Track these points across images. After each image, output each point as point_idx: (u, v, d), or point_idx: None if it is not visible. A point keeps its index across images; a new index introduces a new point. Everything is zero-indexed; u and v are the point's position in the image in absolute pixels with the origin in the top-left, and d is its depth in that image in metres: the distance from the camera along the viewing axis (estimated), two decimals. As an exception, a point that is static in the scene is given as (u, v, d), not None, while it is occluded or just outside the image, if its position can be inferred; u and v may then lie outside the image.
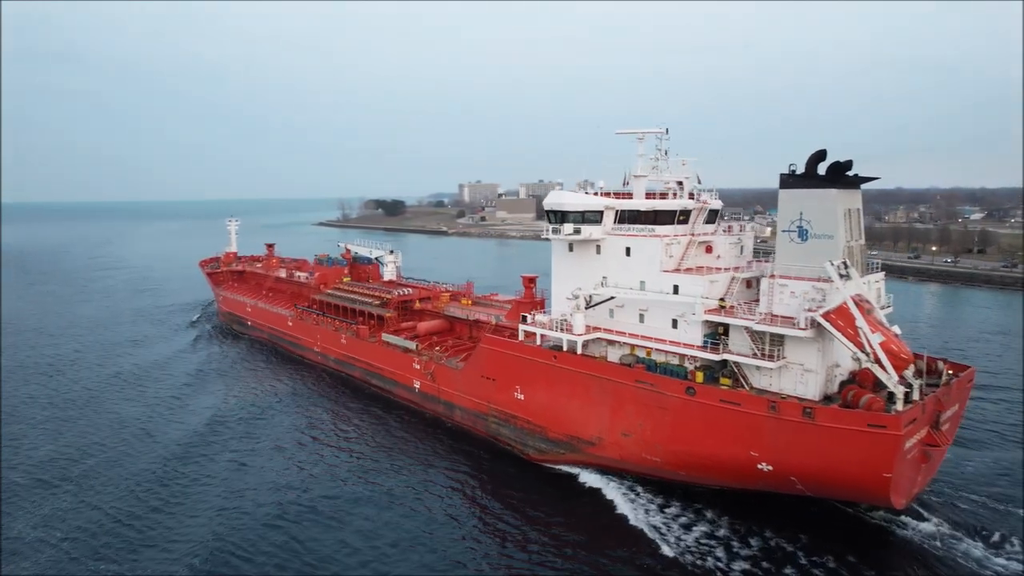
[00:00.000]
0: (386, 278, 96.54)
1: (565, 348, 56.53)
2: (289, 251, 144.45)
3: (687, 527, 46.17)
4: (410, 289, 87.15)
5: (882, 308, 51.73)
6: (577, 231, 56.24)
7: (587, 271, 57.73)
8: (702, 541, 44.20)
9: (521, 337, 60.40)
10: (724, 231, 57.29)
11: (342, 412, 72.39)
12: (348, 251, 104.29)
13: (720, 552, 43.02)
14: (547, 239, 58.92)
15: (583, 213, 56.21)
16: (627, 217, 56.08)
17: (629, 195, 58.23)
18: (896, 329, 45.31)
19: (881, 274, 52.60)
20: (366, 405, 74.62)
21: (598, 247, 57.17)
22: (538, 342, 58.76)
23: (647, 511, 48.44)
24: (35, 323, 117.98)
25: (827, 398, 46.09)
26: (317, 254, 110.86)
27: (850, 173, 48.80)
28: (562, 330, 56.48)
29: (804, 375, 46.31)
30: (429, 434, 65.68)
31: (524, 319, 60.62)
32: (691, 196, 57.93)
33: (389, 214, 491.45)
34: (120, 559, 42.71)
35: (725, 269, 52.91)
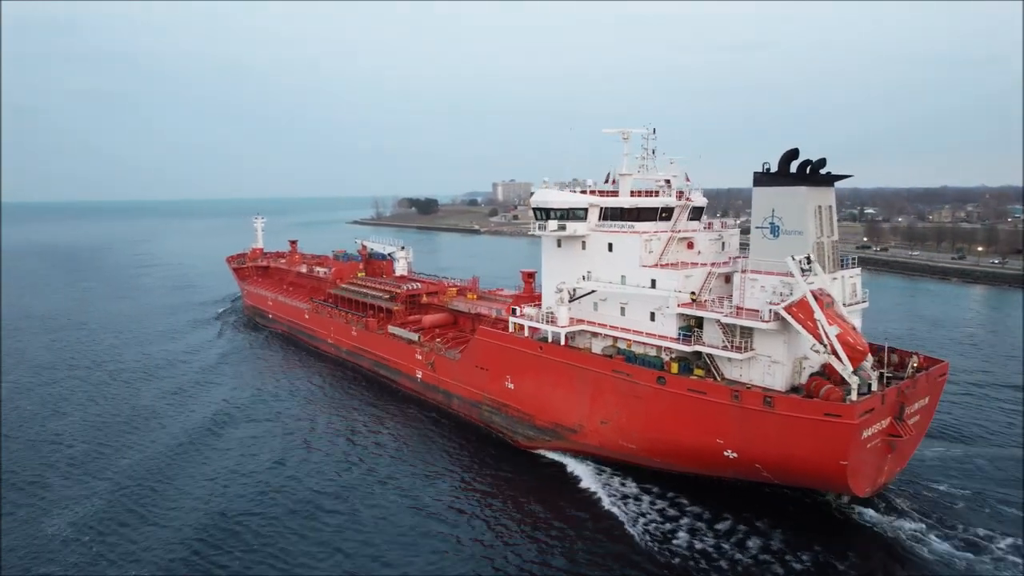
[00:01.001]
0: (398, 273, 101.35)
1: (550, 339, 59.96)
2: (322, 248, 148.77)
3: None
4: (419, 284, 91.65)
5: (858, 303, 54.01)
6: (562, 227, 59.57)
7: (573, 266, 61.05)
8: (760, 557, 43.17)
9: (511, 329, 64.04)
10: (705, 228, 59.71)
11: (349, 399, 77.36)
12: (364, 247, 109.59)
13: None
14: (534, 235, 62.28)
15: (568, 210, 59.48)
16: (611, 214, 59.14)
17: (616, 193, 61.26)
18: (856, 322, 47.36)
19: (857, 270, 54.75)
20: (372, 393, 79.47)
21: (583, 243, 60.43)
22: (526, 333, 62.27)
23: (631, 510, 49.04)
24: (81, 318, 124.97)
25: (794, 389, 48.41)
26: (335, 250, 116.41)
27: (823, 171, 51.17)
28: (548, 322, 59.91)
29: (771, 366, 48.78)
30: (428, 421, 69.84)
31: (514, 312, 64.23)
32: (679, 194, 60.74)
33: (422, 212, 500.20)
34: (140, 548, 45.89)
35: (703, 264, 55.50)
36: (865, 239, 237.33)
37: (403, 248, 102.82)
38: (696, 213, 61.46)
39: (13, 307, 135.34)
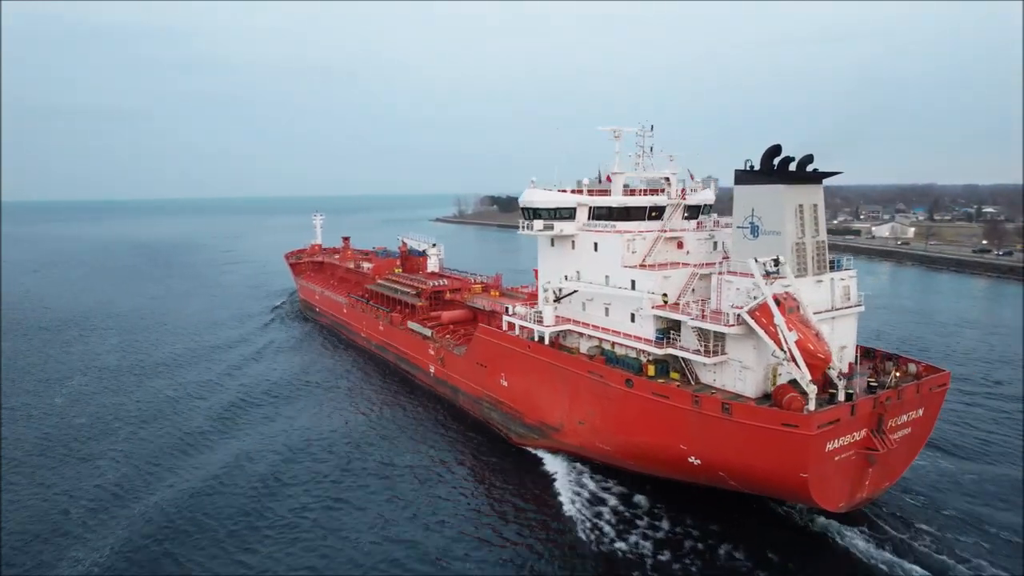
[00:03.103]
0: (429, 270, 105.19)
1: (536, 339, 61.29)
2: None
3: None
4: (446, 280, 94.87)
5: (851, 306, 52.02)
6: (549, 227, 60.64)
7: (564, 265, 62.14)
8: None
9: (504, 327, 65.79)
10: (695, 227, 58.98)
11: (369, 389, 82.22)
12: (404, 244, 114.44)
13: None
14: (523, 234, 63.57)
15: (555, 210, 60.46)
16: (600, 213, 59.66)
17: (607, 191, 61.68)
18: (824, 329, 45.63)
19: (851, 271, 52.70)
20: (392, 385, 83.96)
21: (573, 242, 61.29)
22: (517, 332, 63.85)
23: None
24: (158, 317, 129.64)
25: (767, 396, 47.39)
26: (375, 246, 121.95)
27: (810, 168, 49.65)
28: (535, 321, 61.26)
29: (742, 372, 48.04)
30: (436, 415, 73.02)
31: (507, 310, 65.95)
32: (683, 192, 60.56)
33: (503, 210, 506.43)
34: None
35: (684, 265, 55.11)
36: (984, 242, 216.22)
37: (434, 245, 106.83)
38: (693, 212, 60.80)
39: (96, 305, 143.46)
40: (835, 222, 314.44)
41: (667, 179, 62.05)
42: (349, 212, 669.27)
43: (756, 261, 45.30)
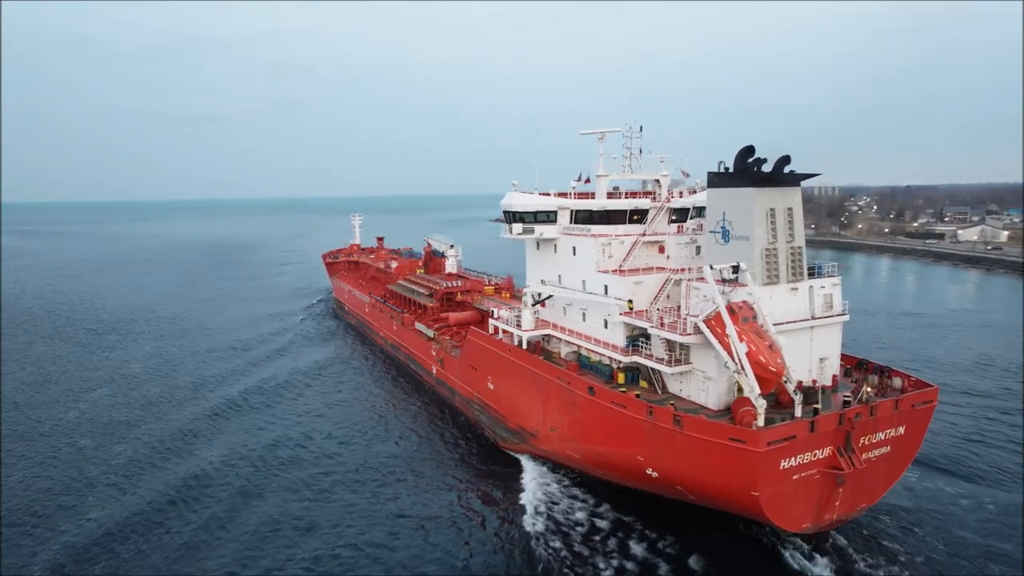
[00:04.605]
0: (447, 271, 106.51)
1: (516, 343, 61.42)
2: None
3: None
4: (460, 281, 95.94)
5: (833, 315, 49.80)
6: (529, 230, 60.56)
7: (548, 269, 62.10)
8: None
9: (490, 330, 66.18)
10: (675, 232, 57.61)
11: (373, 387, 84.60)
12: (428, 245, 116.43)
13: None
14: (503, 237, 63.66)
15: (535, 213, 60.32)
16: (581, 217, 59.16)
17: (592, 194, 61.11)
18: (781, 340, 43.61)
19: (834, 279, 50.23)
20: (398, 384, 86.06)
21: (555, 246, 61.06)
22: (500, 336, 64.14)
23: None
24: (200, 323, 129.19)
25: (728, 408, 45.95)
26: (401, 247, 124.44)
27: (787, 170, 47.86)
28: (515, 325, 61.42)
29: (705, 382, 46.81)
30: (433, 415, 74.28)
31: (492, 314, 66.30)
32: (674, 194, 59.54)
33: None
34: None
35: (659, 270, 54.03)
36: None
37: (452, 247, 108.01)
38: (681, 215, 59.41)
39: (145, 307, 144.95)
40: (915, 225, 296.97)
41: (658, 181, 61.00)
42: (415, 212, 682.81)
43: (711, 268, 44.09)
